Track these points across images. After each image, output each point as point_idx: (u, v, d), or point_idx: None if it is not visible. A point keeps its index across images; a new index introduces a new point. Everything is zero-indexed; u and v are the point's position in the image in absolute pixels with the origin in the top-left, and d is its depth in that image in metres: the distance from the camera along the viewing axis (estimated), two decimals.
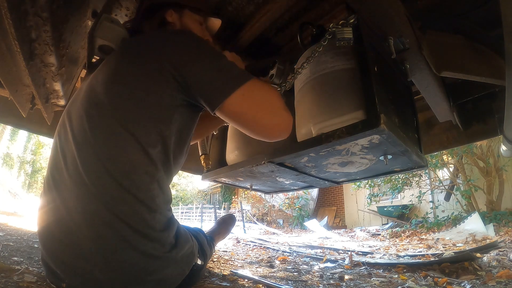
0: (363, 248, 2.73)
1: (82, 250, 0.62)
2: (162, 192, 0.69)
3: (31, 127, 1.74)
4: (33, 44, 0.89)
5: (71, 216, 0.63)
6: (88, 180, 0.63)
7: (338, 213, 9.30)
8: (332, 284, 1.13)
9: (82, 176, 0.63)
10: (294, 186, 1.36)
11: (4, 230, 1.83)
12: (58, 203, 0.66)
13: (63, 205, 0.65)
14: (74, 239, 0.63)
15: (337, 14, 1.10)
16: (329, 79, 0.82)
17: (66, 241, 0.64)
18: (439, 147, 1.66)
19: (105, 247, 0.61)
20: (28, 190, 15.45)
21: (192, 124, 0.80)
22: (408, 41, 0.82)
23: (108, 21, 0.88)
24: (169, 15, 0.91)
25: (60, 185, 0.67)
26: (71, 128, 0.70)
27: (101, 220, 0.61)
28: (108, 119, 0.66)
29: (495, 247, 1.95)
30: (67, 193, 0.65)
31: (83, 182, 0.63)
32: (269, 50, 1.35)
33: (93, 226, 0.62)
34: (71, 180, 0.65)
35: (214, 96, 0.68)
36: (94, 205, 0.62)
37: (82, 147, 0.66)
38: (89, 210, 0.62)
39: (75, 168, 0.65)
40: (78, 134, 0.68)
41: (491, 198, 4.89)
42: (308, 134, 0.85)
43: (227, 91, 0.68)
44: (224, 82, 0.69)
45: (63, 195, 0.66)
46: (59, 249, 0.65)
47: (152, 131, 0.67)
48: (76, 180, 0.64)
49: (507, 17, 0.66)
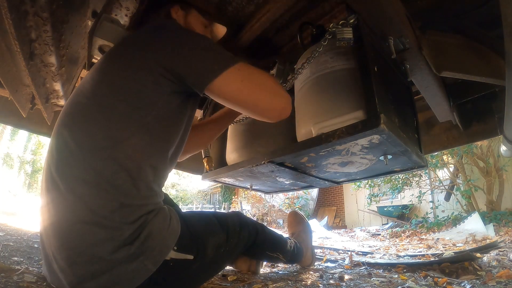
0: (363, 248, 2.73)
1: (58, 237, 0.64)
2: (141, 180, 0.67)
3: (31, 127, 1.75)
4: (33, 44, 0.89)
5: (59, 214, 0.65)
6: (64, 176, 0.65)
7: (338, 213, 9.30)
8: (332, 284, 1.13)
9: (53, 176, 0.66)
10: (294, 186, 1.36)
11: (4, 230, 1.83)
12: (52, 203, 0.67)
13: (53, 204, 0.66)
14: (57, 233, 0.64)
15: (337, 14, 1.10)
16: (329, 79, 0.82)
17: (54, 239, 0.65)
18: (439, 147, 1.66)
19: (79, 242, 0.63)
20: (28, 190, 15.46)
21: (181, 114, 0.78)
22: (408, 41, 0.82)
23: (108, 21, 0.88)
24: (174, 11, 0.91)
25: (53, 184, 0.68)
26: (63, 126, 0.72)
27: (78, 217, 0.62)
28: (88, 108, 0.69)
29: (495, 247, 1.95)
30: (58, 193, 0.66)
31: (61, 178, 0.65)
32: (269, 50, 1.35)
33: (71, 221, 0.63)
34: (59, 178, 0.66)
35: (203, 75, 0.68)
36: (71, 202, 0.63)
37: (74, 132, 0.68)
38: (67, 206, 0.64)
39: (62, 165, 0.67)
40: (70, 121, 0.71)
41: (491, 198, 4.89)
42: (308, 134, 0.85)
43: (216, 69, 0.68)
44: (213, 61, 0.69)
45: (54, 195, 0.67)
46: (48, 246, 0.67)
47: (129, 118, 0.67)
48: (59, 176, 0.66)
49: (507, 17, 0.66)
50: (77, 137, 0.67)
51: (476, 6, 0.99)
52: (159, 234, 0.69)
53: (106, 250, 0.62)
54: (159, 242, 0.68)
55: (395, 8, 0.77)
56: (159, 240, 0.68)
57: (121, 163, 0.65)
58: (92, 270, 0.62)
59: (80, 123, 0.68)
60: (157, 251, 0.68)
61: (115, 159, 0.65)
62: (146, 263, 0.66)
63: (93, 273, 0.62)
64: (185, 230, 0.76)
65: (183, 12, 0.92)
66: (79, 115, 0.69)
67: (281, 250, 1.15)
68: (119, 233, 0.63)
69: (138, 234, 0.65)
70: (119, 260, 0.63)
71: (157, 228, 0.68)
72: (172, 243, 0.71)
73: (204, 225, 0.84)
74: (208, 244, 0.81)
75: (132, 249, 0.64)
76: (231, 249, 0.90)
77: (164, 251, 0.69)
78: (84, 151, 0.65)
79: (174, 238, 0.72)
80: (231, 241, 0.89)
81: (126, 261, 0.64)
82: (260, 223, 1.12)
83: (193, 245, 0.77)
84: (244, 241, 0.96)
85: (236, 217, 0.97)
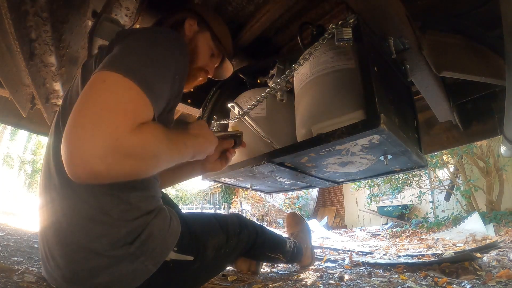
0: (363, 248, 2.73)
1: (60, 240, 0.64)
2: None
3: (31, 127, 1.75)
4: (33, 44, 0.89)
5: (57, 215, 0.65)
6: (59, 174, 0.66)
7: (338, 213, 9.30)
8: (332, 284, 1.13)
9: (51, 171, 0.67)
10: (294, 186, 1.36)
11: (4, 230, 1.83)
12: (50, 199, 0.67)
13: (51, 200, 0.67)
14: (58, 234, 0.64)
15: (337, 14, 1.10)
16: (329, 79, 0.82)
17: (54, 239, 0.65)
18: (439, 147, 1.66)
19: None
20: (28, 190, 15.46)
21: None
22: (408, 41, 0.82)
23: (108, 21, 0.88)
24: (190, 22, 0.86)
25: (50, 180, 0.68)
26: (58, 123, 0.72)
27: (80, 214, 0.63)
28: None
29: (495, 247, 1.95)
30: (55, 193, 0.67)
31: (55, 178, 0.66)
32: (269, 50, 1.35)
33: (68, 222, 0.63)
34: (56, 174, 0.67)
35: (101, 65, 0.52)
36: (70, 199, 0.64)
37: (55, 139, 0.69)
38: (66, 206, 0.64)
39: (54, 165, 0.68)
40: (54, 128, 0.72)
41: (491, 198, 4.89)
42: (308, 134, 0.85)
43: (104, 66, 0.51)
44: (112, 60, 0.53)
45: (52, 191, 0.67)
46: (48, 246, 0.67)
47: None
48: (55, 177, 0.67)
49: (507, 17, 0.66)
50: None
51: (476, 6, 0.99)
52: (160, 234, 0.68)
53: (103, 246, 0.62)
54: (159, 242, 0.68)
55: (395, 8, 0.77)
56: (160, 240, 0.68)
57: None
58: (89, 267, 0.62)
59: None
60: (158, 251, 0.68)
61: None
62: (146, 264, 0.66)
63: (91, 270, 0.62)
64: (185, 231, 0.76)
65: (197, 28, 0.87)
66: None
67: (281, 251, 1.15)
68: (115, 230, 0.63)
69: (138, 234, 0.65)
70: (118, 258, 0.63)
71: (158, 229, 0.68)
72: (172, 244, 0.71)
73: (204, 226, 0.84)
74: (208, 245, 0.80)
75: (132, 249, 0.64)
76: (231, 250, 0.90)
77: (165, 252, 0.69)
78: None
79: (175, 239, 0.72)
80: (231, 242, 0.89)
81: (126, 261, 0.64)
82: (260, 224, 1.12)
83: (193, 246, 0.77)
84: (244, 243, 0.96)
85: (236, 219, 0.97)
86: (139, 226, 0.66)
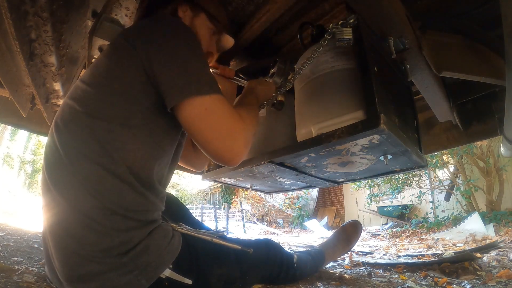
0: (363, 248, 2.73)
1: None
2: None
3: (31, 127, 1.75)
4: (33, 44, 0.89)
5: (65, 212, 0.64)
6: None
7: (338, 213, 9.29)
8: (332, 284, 1.13)
9: (47, 178, 0.66)
10: (294, 186, 1.36)
11: (4, 230, 1.83)
12: (47, 204, 0.67)
13: (48, 205, 0.66)
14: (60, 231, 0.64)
15: (337, 14, 1.10)
16: (329, 79, 0.82)
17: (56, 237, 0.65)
18: (439, 147, 1.66)
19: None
20: (28, 190, 15.46)
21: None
22: (408, 41, 0.82)
23: (108, 21, 0.88)
24: (182, 10, 0.87)
25: (46, 186, 0.67)
26: (53, 128, 0.71)
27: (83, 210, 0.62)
28: (74, 110, 0.67)
29: (495, 247, 1.95)
30: (51, 195, 0.66)
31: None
32: (269, 50, 1.35)
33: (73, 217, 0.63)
34: (50, 181, 0.66)
35: (172, 93, 0.62)
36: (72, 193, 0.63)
37: (62, 135, 0.67)
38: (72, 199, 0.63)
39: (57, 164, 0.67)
40: (60, 123, 0.69)
41: (491, 198, 4.88)
42: (308, 134, 0.85)
43: (185, 92, 0.61)
44: (187, 82, 0.62)
45: (48, 197, 0.67)
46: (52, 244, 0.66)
47: (115, 122, 0.65)
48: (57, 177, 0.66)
49: (507, 17, 0.66)
50: (64, 140, 0.66)
51: (476, 6, 0.99)
52: (157, 250, 0.67)
53: (95, 253, 0.61)
54: (155, 257, 0.66)
55: (395, 8, 0.77)
56: (156, 256, 0.66)
57: (107, 168, 0.62)
58: (81, 273, 0.61)
59: (68, 126, 0.67)
60: (153, 266, 0.66)
61: (102, 164, 0.62)
62: (139, 278, 0.64)
63: (82, 277, 0.61)
64: (185, 251, 0.73)
65: (191, 13, 0.87)
66: (67, 117, 0.68)
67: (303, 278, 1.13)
68: (108, 239, 0.62)
69: (133, 246, 0.64)
70: (110, 265, 0.62)
71: (155, 244, 0.67)
72: (169, 261, 0.69)
73: (210, 251, 0.79)
74: (212, 272, 0.77)
75: (125, 259, 0.62)
76: (245, 284, 0.88)
77: (160, 268, 0.67)
78: (71, 156, 0.63)
79: (172, 256, 0.70)
80: (247, 278, 0.87)
81: (118, 271, 0.62)
82: (292, 256, 1.05)
83: (192, 269, 0.73)
84: (262, 276, 0.95)
85: (264, 250, 0.95)
86: (135, 237, 0.64)
